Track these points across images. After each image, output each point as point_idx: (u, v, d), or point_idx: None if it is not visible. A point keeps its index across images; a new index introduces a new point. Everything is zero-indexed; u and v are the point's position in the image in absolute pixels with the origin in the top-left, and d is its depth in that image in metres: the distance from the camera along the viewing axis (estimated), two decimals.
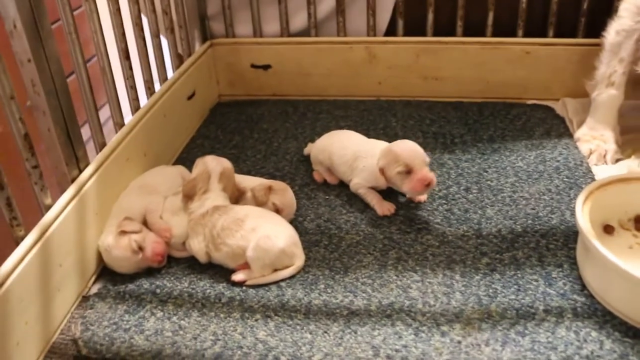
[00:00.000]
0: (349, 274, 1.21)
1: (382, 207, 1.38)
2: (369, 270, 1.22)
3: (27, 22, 1.07)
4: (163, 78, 1.68)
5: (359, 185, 1.41)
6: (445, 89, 1.89)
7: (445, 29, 1.86)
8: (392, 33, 1.90)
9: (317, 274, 1.22)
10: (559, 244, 1.26)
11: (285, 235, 1.21)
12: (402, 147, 1.33)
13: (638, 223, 1.28)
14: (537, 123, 1.72)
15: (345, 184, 1.46)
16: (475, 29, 1.84)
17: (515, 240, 1.28)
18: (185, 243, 1.27)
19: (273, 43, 1.94)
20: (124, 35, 1.45)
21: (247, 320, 1.11)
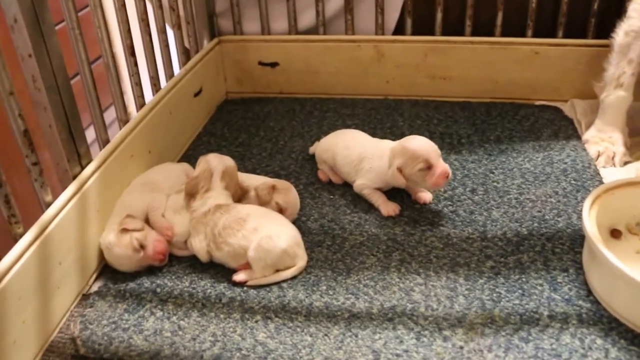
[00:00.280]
0: (352, 276, 1.20)
1: (387, 207, 1.37)
2: (372, 272, 1.21)
3: (28, 16, 1.06)
4: (169, 74, 1.67)
5: (364, 186, 1.40)
6: (453, 89, 1.88)
7: (454, 29, 1.85)
8: (400, 32, 1.89)
9: (319, 275, 1.21)
10: (565, 248, 1.25)
11: (288, 236, 1.21)
12: (417, 143, 1.32)
13: None
14: (545, 124, 1.71)
15: (350, 184, 1.45)
16: (484, 29, 1.83)
17: (521, 244, 1.26)
18: (187, 242, 1.27)
19: (281, 41, 1.93)
20: (129, 32, 1.44)
21: (247, 322, 1.11)
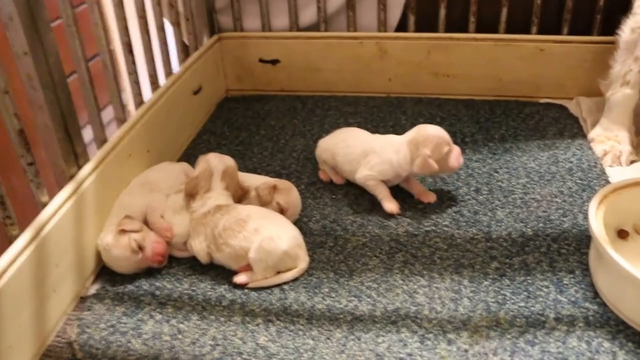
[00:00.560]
0: (354, 278, 1.19)
1: (390, 203, 1.35)
2: (375, 274, 1.20)
3: (23, 12, 1.04)
4: (168, 72, 1.65)
5: (370, 177, 1.36)
6: (457, 87, 1.87)
7: (458, 25, 1.83)
8: (403, 28, 1.87)
9: (321, 277, 1.19)
10: (571, 249, 1.23)
11: (289, 237, 1.19)
12: (435, 129, 1.35)
13: None
14: (550, 122, 1.70)
15: (352, 183, 1.43)
16: (488, 25, 1.81)
17: (526, 244, 1.25)
18: (187, 243, 1.25)
19: (282, 37, 1.92)
20: (127, 29, 1.42)
21: (248, 325, 1.09)
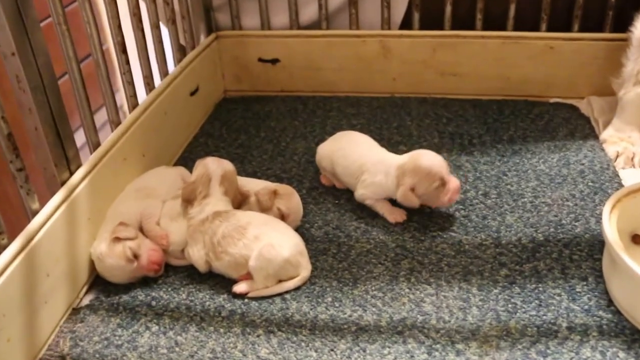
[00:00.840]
0: (358, 286, 1.16)
1: (393, 214, 1.33)
2: (380, 282, 1.17)
3: (10, 11, 1.01)
4: (164, 73, 1.62)
5: (366, 197, 1.35)
6: (464, 86, 1.84)
7: (464, 22, 1.80)
8: (407, 26, 1.85)
9: (324, 286, 1.17)
10: (584, 255, 1.21)
11: (290, 244, 1.17)
12: (429, 160, 1.29)
13: None
14: (560, 123, 1.67)
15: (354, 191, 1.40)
16: (496, 23, 1.79)
17: (537, 250, 1.22)
18: (184, 251, 1.22)
19: (282, 36, 1.89)
20: (120, 28, 1.38)
21: (248, 336, 1.07)
